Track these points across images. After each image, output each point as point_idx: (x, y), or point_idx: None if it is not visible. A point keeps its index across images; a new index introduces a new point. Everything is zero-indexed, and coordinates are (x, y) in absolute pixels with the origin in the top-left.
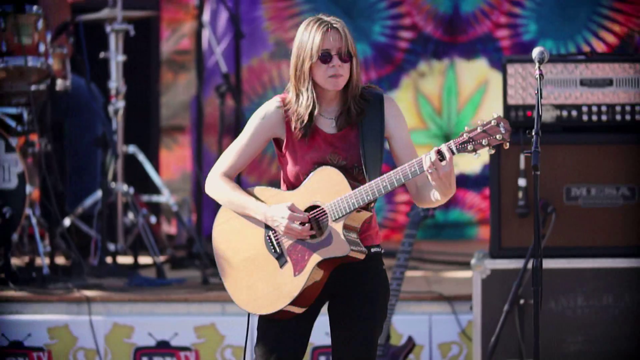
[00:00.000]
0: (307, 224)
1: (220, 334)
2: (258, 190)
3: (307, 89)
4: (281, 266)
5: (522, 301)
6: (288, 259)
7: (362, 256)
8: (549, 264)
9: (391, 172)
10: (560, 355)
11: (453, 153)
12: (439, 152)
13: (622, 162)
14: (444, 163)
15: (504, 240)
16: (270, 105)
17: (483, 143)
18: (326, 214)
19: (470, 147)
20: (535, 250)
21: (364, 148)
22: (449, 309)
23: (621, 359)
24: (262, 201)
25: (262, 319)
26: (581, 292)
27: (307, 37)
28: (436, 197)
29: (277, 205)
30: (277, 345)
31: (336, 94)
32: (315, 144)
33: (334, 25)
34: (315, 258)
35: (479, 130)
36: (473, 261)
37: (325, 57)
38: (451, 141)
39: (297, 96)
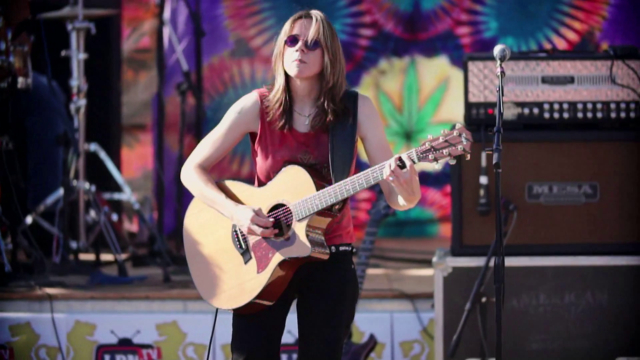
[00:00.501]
0: (269, 228)
1: (182, 331)
2: (230, 184)
3: (280, 75)
4: (246, 262)
5: (484, 299)
6: (253, 255)
7: (325, 257)
8: (510, 261)
9: (354, 175)
10: (522, 353)
11: (414, 162)
12: (400, 160)
13: (584, 159)
14: (404, 170)
15: (466, 238)
16: (248, 100)
17: (444, 153)
18: (291, 213)
19: (431, 156)
20: (497, 248)
21: (332, 148)
22: (410, 306)
23: (583, 357)
24: (233, 194)
25: (236, 315)
26: (543, 290)
27: (284, 26)
28: (402, 202)
29: (244, 207)
30: (251, 342)
31: (309, 88)
32: (287, 142)
33: (310, 13)
34: (278, 257)
35: (441, 139)
36: (434, 259)
37: (291, 41)
38: (413, 149)
39: (273, 85)
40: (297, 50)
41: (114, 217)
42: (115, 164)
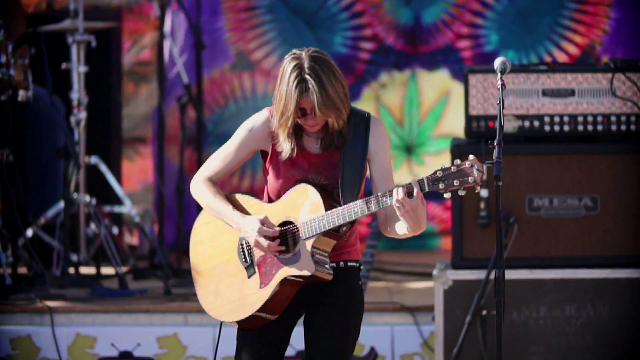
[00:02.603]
0: (276, 240)
1: (183, 344)
2: (239, 197)
3: (286, 138)
4: (249, 276)
5: (484, 312)
6: (256, 270)
7: (328, 277)
8: (511, 274)
9: (364, 199)
10: None
11: (423, 190)
12: (409, 186)
13: (585, 172)
14: (412, 198)
15: (466, 251)
16: (258, 118)
17: (455, 184)
18: (299, 230)
19: (441, 185)
20: (497, 261)
21: (343, 170)
22: (411, 319)
23: None
24: (242, 207)
25: (240, 329)
26: (543, 302)
27: (288, 90)
28: (403, 231)
29: (251, 217)
30: (254, 356)
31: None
32: (299, 163)
33: (309, 87)
34: (281, 274)
35: (452, 169)
36: (435, 272)
37: (302, 114)
38: (424, 177)
39: (279, 134)
40: (309, 122)
41: (115, 230)
42: (116, 176)
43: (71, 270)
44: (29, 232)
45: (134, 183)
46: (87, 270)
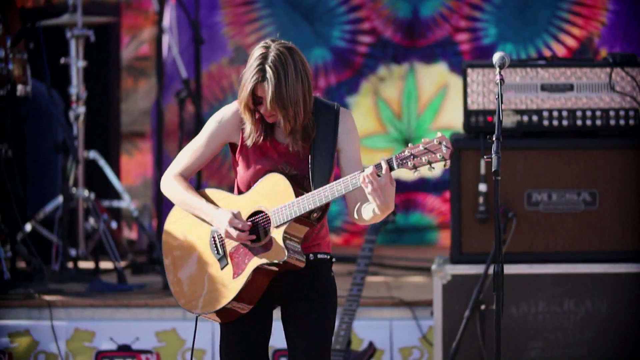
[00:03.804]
0: (247, 232)
1: (181, 338)
2: (209, 191)
3: (249, 120)
4: (222, 268)
5: (483, 307)
6: (229, 261)
7: (301, 264)
8: (510, 269)
9: (333, 182)
10: None
11: (392, 168)
12: (378, 166)
13: (583, 167)
14: (381, 176)
15: (465, 246)
16: (228, 110)
17: (423, 160)
18: (269, 219)
19: (410, 163)
20: (496, 255)
21: (313, 160)
22: (409, 314)
23: None
24: (213, 202)
25: (223, 326)
26: (542, 297)
27: (247, 77)
28: (369, 215)
29: (223, 210)
30: (238, 347)
31: None
32: (268, 153)
33: (266, 77)
34: (254, 262)
35: (420, 147)
36: (434, 267)
37: (257, 101)
38: (392, 156)
39: (246, 120)
40: (263, 111)
41: (113, 224)
42: (115, 171)
43: (70, 265)
44: (28, 227)
45: (133, 178)
46: (86, 265)
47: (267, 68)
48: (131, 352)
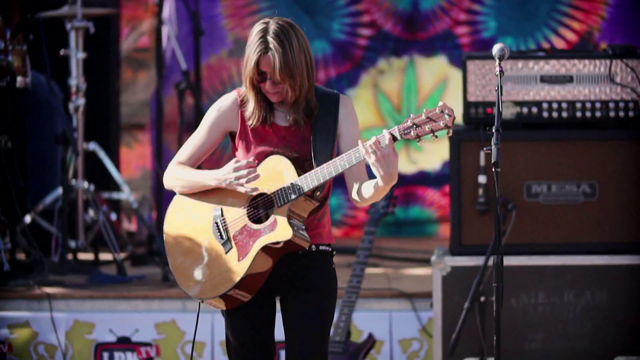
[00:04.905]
0: (256, 169)
1: (181, 330)
2: None
3: (252, 98)
4: (227, 252)
5: (482, 298)
6: (233, 244)
7: (305, 244)
8: (509, 261)
9: (336, 158)
10: (521, 352)
11: (395, 138)
12: (381, 137)
13: (583, 158)
14: (384, 145)
15: (465, 237)
16: (227, 99)
17: (426, 129)
18: (272, 201)
19: (413, 132)
20: (495, 247)
21: (315, 143)
22: (409, 306)
23: (582, 356)
24: (214, 188)
25: (228, 315)
26: (542, 289)
27: (249, 52)
28: (378, 185)
29: (224, 167)
30: (243, 334)
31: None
32: (268, 137)
33: (269, 47)
34: (260, 243)
35: (422, 116)
36: (433, 258)
37: (261, 77)
38: (395, 127)
39: (248, 100)
40: (268, 87)
41: (113, 216)
42: (114, 163)
43: (69, 256)
44: (27, 219)
45: (132, 169)
46: (86, 256)
47: (270, 39)
48: (131, 344)
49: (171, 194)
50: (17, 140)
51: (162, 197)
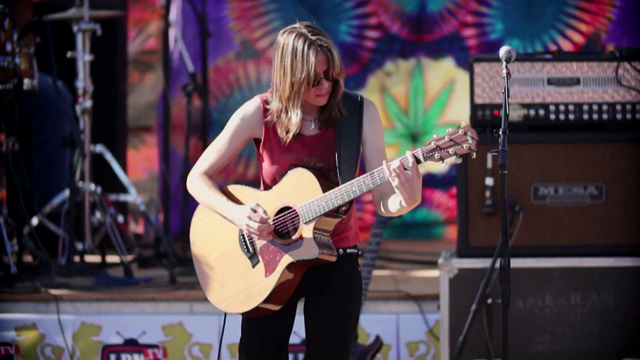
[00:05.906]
0: (268, 224)
1: (188, 332)
2: (234, 188)
3: (298, 109)
4: (253, 266)
5: (489, 300)
6: (260, 259)
7: (332, 259)
8: (516, 263)
9: (361, 176)
10: (528, 354)
11: (419, 161)
12: (404, 159)
13: (590, 161)
14: (407, 169)
15: (472, 240)
16: (250, 106)
17: (450, 152)
18: (298, 215)
19: (437, 155)
20: (502, 249)
21: (339, 151)
22: (416, 308)
23: (588, 358)
24: (237, 199)
25: (245, 319)
26: (549, 291)
27: (302, 60)
28: (396, 207)
29: (242, 206)
30: (259, 343)
31: None
32: (293, 146)
33: (323, 46)
34: (286, 260)
35: (446, 139)
36: (440, 260)
37: (315, 78)
38: (418, 149)
39: (287, 111)
40: (323, 88)
41: (120, 218)
42: (121, 165)
43: (76, 258)
44: (35, 221)
45: (140, 172)
46: (93, 258)
47: (316, 39)
48: (138, 347)
49: (178, 195)
50: (24, 142)
51: (169, 200)
